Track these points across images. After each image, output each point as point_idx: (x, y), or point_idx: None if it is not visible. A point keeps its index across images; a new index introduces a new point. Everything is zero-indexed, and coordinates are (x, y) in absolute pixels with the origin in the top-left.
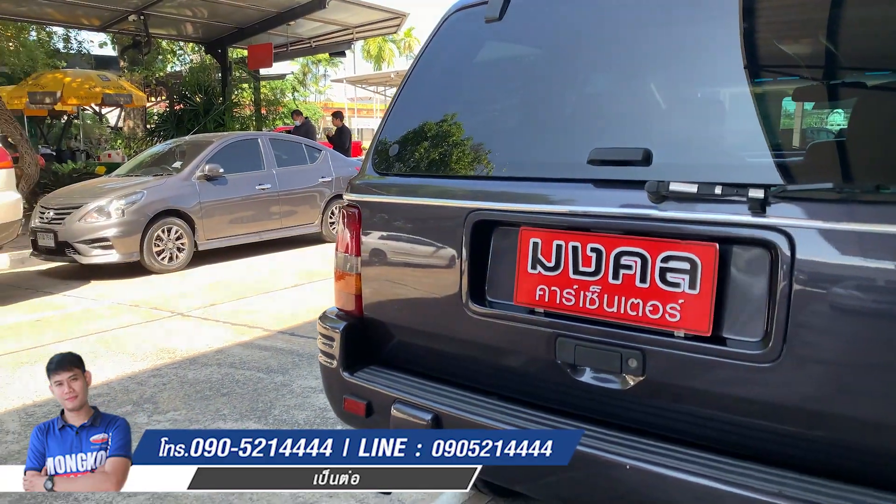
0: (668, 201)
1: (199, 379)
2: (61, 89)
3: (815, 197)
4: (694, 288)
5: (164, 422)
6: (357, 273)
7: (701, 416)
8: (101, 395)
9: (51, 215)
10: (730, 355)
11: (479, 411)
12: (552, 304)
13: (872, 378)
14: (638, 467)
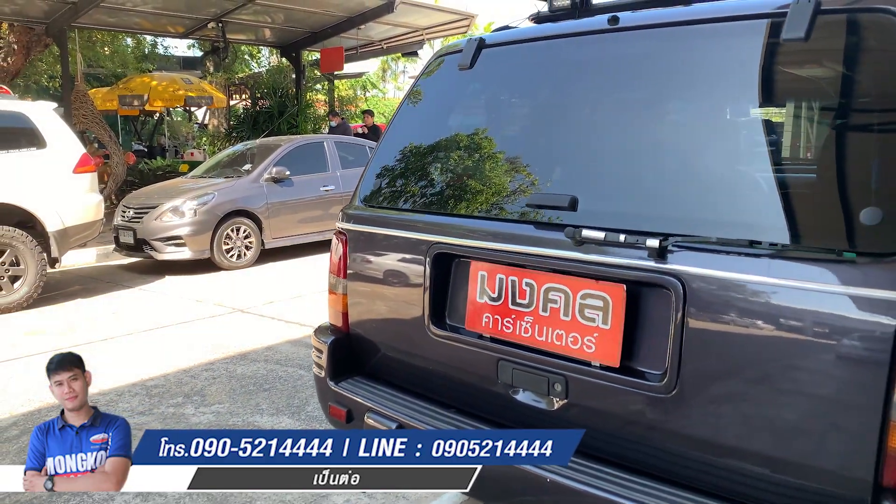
0: (587, 245)
1: (247, 374)
2: (148, 92)
3: (702, 247)
4: (606, 323)
5: (209, 413)
6: (344, 293)
7: (615, 436)
8: (158, 386)
9: (130, 214)
10: (636, 385)
11: (435, 423)
12: (495, 331)
13: (753, 412)
14: (556, 481)
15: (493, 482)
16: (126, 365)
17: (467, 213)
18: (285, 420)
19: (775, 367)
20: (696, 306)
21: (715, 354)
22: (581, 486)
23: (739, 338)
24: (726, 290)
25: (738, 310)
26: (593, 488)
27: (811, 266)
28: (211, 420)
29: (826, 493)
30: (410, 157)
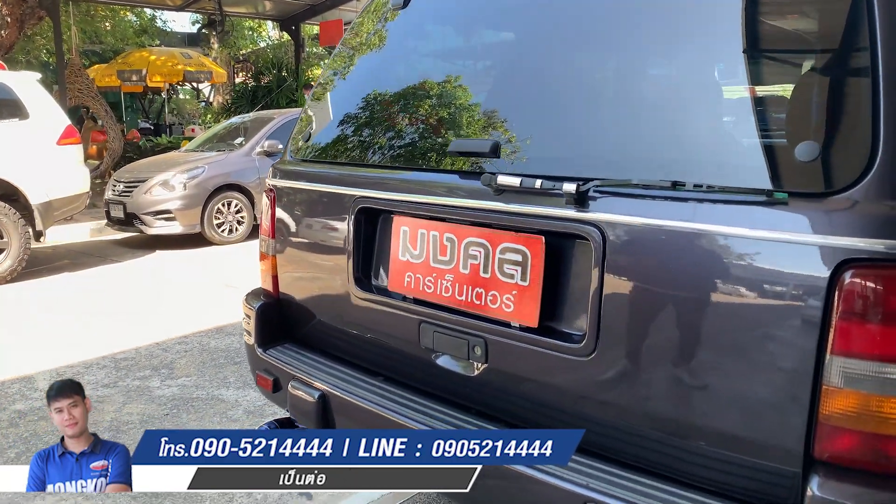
0: (507, 194)
1: (220, 347)
2: (146, 67)
3: (623, 192)
4: (525, 280)
5: (174, 387)
6: (273, 255)
7: (534, 402)
8: (128, 359)
9: (121, 188)
10: (555, 347)
11: (359, 392)
12: (417, 291)
13: (677, 376)
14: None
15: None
16: (100, 339)
17: (392, 164)
18: (251, 393)
19: (700, 326)
20: (616, 258)
21: (636, 312)
22: None
23: (662, 293)
24: (647, 239)
25: (660, 261)
26: None
27: (739, 209)
28: (175, 393)
29: (755, 467)
30: (340, 105)
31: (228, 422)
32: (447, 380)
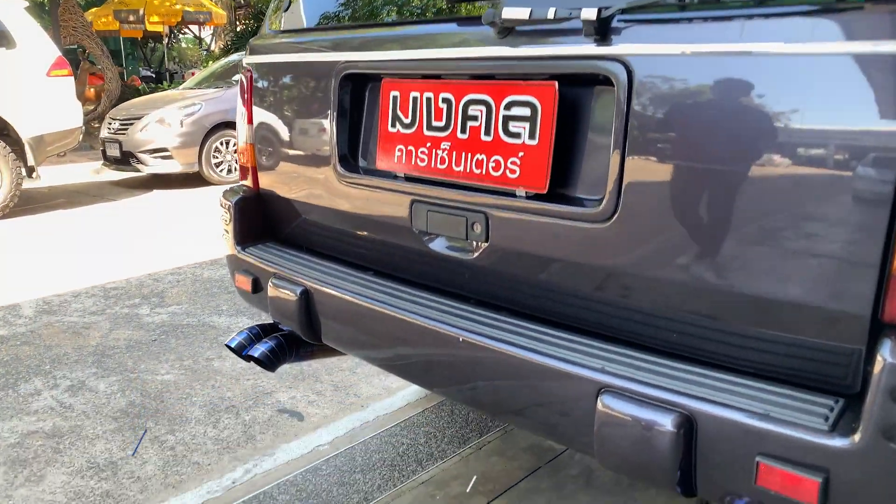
0: (513, 36)
1: (213, 278)
2: (144, 7)
3: (653, 17)
4: (533, 138)
5: (164, 314)
6: (251, 143)
7: (539, 285)
8: (118, 288)
9: (116, 126)
10: (567, 215)
11: (344, 285)
12: (409, 166)
13: (718, 237)
14: (470, 340)
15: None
16: (90, 271)
17: (380, 21)
18: (244, 320)
19: (747, 171)
20: (645, 102)
21: (667, 163)
22: (497, 345)
23: (701, 135)
24: (684, 72)
25: (701, 100)
26: (512, 346)
27: (803, 21)
28: (164, 320)
29: (805, 344)
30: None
31: (218, 347)
32: (443, 268)
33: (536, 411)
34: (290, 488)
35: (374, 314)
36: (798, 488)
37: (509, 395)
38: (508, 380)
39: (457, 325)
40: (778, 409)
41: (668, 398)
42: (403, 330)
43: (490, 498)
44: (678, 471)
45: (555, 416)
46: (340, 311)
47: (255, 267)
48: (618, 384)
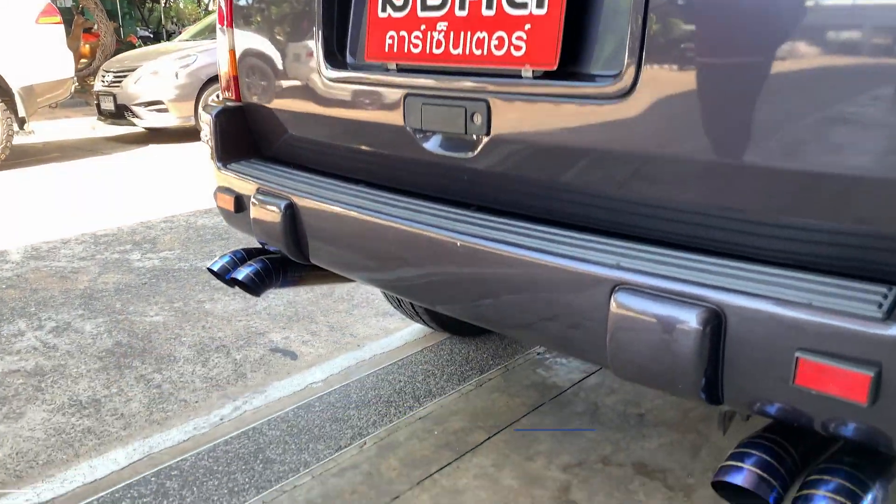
0: None
1: (207, 225)
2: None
3: None
4: (542, 6)
5: (155, 259)
6: (231, 49)
7: (546, 182)
8: (108, 235)
9: (110, 78)
10: (579, 94)
11: (332, 195)
12: (401, 55)
13: (746, 110)
14: (469, 244)
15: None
16: (81, 220)
17: None
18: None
19: (792, 31)
20: None
21: (695, 26)
22: (498, 246)
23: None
24: None
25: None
26: (514, 247)
27: None
28: (155, 265)
29: (854, 231)
30: None
31: (210, 289)
32: (440, 172)
33: (543, 319)
34: (281, 424)
35: (363, 225)
36: (844, 385)
37: (514, 303)
38: (512, 285)
39: (456, 230)
40: (822, 297)
41: (693, 291)
42: (397, 240)
43: (490, 433)
44: (703, 376)
45: (564, 323)
46: (328, 224)
47: (237, 183)
48: (634, 280)
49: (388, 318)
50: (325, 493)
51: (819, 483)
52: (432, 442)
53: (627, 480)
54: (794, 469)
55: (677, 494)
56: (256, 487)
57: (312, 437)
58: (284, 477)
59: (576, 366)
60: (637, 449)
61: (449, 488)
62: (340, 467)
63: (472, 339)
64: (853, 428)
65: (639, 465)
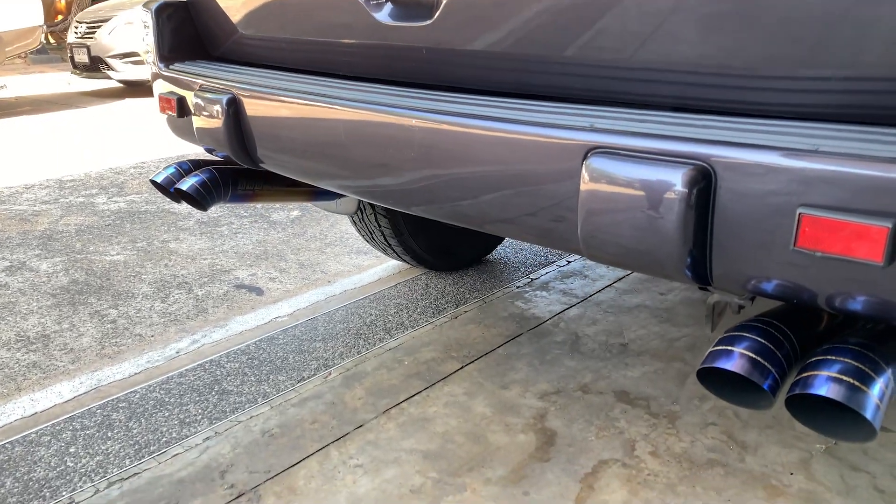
0: None
1: None
2: None
3: None
4: None
5: (121, 202)
6: None
7: (515, 44)
8: (75, 180)
9: (83, 30)
10: None
11: (280, 84)
12: None
13: None
14: (427, 122)
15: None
16: (48, 167)
17: None
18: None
19: None
20: None
21: None
22: (459, 121)
23: None
24: None
25: None
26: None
27: None
28: (121, 207)
29: (859, 75)
30: None
31: (176, 230)
32: (395, 49)
33: (510, 200)
34: (241, 356)
35: (314, 115)
36: (856, 243)
37: (481, 185)
38: (478, 164)
39: (412, 107)
40: (830, 142)
41: (677, 148)
42: (350, 128)
43: (464, 363)
44: (689, 249)
45: (532, 202)
46: (274, 118)
47: (180, 83)
48: (609, 141)
49: (363, 255)
50: (284, 422)
51: (823, 364)
52: (402, 372)
53: (608, 408)
54: (793, 356)
55: (661, 421)
56: (209, 418)
57: (274, 369)
58: (241, 408)
59: (556, 297)
60: (619, 377)
61: (417, 416)
62: (302, 397)
63: (450, 274)
64: (865, 299)
65: (620, 393)
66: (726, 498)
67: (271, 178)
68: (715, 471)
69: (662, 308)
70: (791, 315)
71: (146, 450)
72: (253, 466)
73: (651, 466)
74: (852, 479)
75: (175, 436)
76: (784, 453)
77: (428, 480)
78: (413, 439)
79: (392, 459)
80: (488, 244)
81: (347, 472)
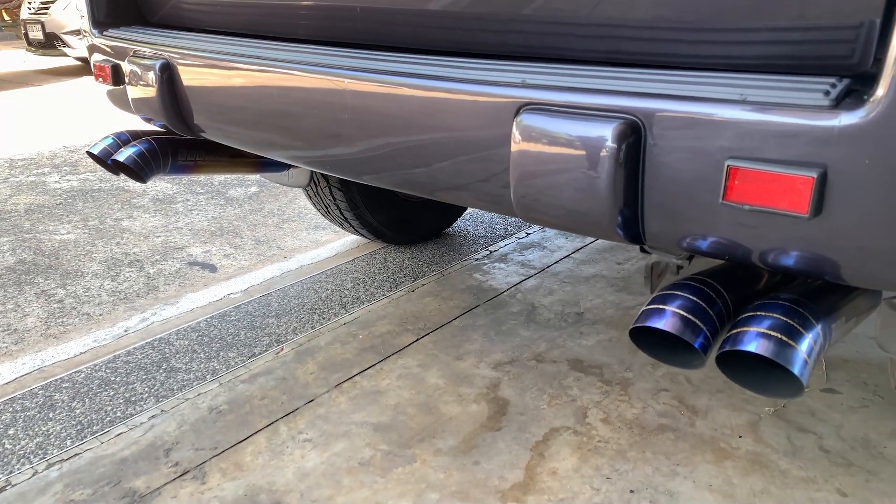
0: None
1: None
2: None
3: None
4: None
5: (74, 181)
6: None
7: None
8: (27, 159)
9: (37, 5)
10: None
11: (214, 48)
12: None
13: None
14: (358, 80)
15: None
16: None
17: None
18: (162, 185)
19: None
20: None
21: None
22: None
23: None
24: None
25: None
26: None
27: None
28: (74, 186)
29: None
30: None
31: (130, 208)
32: (330, 8)
33: (442, 165)
34: (191, 334)
35: (246, 80)
36: (783, 194)
37: (411, 150)
38: (409, 125)
39: (341, 67)
40: (758, 91)
41: (607, 102)
42: (283, 93)
43: (419, 336)
44: (621, 206)
45: (463, 165)
46: (208, 84)
47: (114, 50)
48: (540, 97)
49: (321, 231)
50: (233, 399)
51: (752, 320)
52: (356, 346)
53: (561, 376)
54: (726, 315)
55: (614, 388)
56: (156, 396)
57: (224, 346)
58: (189, 385)
59: (514, 269)
60: (573, 346)
61: (369, 389)
62: (252, 374)
63: (408, 248)
64: (795, 254)
65: (574, 362)
66: (675, 462)
67: (214, 148)
68: (665, 436)
69: (619, 277)
70: (727, 273)
71: (88, 430)
72: (199, 444)
73: (602, 433)
74: (799, 440)
75: (119, 415)
76: (733, 416)
77: (378, 453)
78: (364, 412)
79: (342, 433)
80: (448, 217)
81: (296, 447)
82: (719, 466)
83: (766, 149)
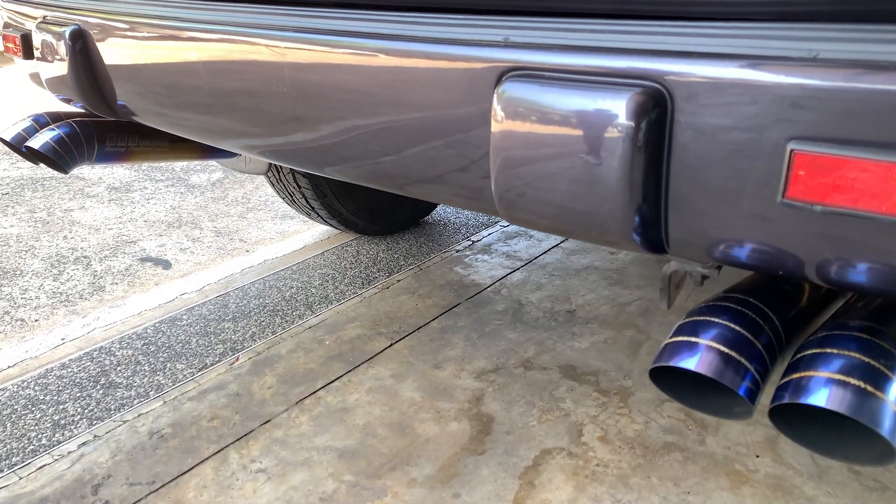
0: None
1: None
2: None
3: None
4: None
5: (24, 168)
6: None
7: None
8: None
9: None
10: None
11: (136, 11)
12: None
13: None
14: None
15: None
16: None
17: None
18: (119, 171)
19: None
20: None
21: None
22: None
23: None
24: None
25: None
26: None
27: None
28: (24, 174)
29: None
30: None
31: (83, 197)
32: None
33: (406, 152)
34: (136, 342)
35: (169, 48)
36: (875, 189)
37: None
38: (359, 101)
39: (275, 27)
40: (834, 46)
41: (618, 65)
42: (216, 64)
43: (393, 340)
44: (637, 205)
45: (433, 152)
46: (128, 54)
47: (23, 15)
48: (528, 59)
49: (288, 220)
50: (177, 420)
51: (816, 360)
52: (321, 353)
53: (553, 386)
54: (776, 346)
55: (612, 399)
56: (89, 419)
57: (172, 356)
58: (128, 404)
59: (499, 261)
60: (565, 349)
61: (335, 406)
62: (201, 389)
63: (383, 239)
64: (879, 269)
65: (566, 368)
66: (685, 489)
67: (150, 131)
68: (672, 457)
69: (612, 269)
70: (772, 288)
71: (6, 462)
72: (134, 477)
73: (600, 455)
74: (825, 461)
75: (45, 443)
76: (748, 432)
77: (342, 485)
78: (328, 434)
79: (302, 461)
80: (426, 204)
81: (247, 479)
82: (736, 494)
83: (846, 126)
